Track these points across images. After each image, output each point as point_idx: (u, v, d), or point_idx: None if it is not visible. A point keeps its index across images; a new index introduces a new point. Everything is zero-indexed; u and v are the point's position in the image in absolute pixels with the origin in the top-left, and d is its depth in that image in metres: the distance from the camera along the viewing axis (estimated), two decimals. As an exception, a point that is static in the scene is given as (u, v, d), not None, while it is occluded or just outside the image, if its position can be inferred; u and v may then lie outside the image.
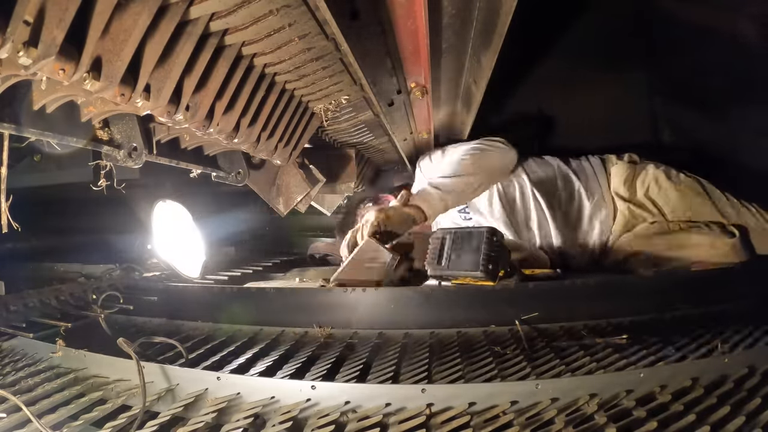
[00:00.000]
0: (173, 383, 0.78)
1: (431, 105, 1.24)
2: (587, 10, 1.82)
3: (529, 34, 1.50)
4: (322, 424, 0.64)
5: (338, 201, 1.78)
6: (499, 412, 0.64)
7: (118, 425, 0.67)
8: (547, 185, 1.51)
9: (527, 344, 0.85)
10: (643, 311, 0.99)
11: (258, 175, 1.28)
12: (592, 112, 1.91)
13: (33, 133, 0.65)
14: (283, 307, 1.08)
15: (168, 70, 0.62)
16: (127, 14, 0.53)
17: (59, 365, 0.89)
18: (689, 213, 1.40)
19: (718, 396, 0.64)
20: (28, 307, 1.14)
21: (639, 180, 1.47)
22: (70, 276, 1.58)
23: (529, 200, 1.50)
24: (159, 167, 0.94)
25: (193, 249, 1.54)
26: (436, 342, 0.92)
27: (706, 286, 1.09)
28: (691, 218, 1.40)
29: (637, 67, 1.88)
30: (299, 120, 1.01)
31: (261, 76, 0.79)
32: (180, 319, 1.16)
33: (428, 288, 1.04)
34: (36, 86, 0.61)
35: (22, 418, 0.67)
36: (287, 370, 0.79)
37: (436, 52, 0.94)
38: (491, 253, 0.99)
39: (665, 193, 1.43)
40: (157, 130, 0.87)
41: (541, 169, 1.55)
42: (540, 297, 0.99)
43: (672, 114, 1.87)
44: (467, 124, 1.54)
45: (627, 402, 0.64)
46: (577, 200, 1.50)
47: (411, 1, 0.71)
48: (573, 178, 1.51)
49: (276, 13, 0.63)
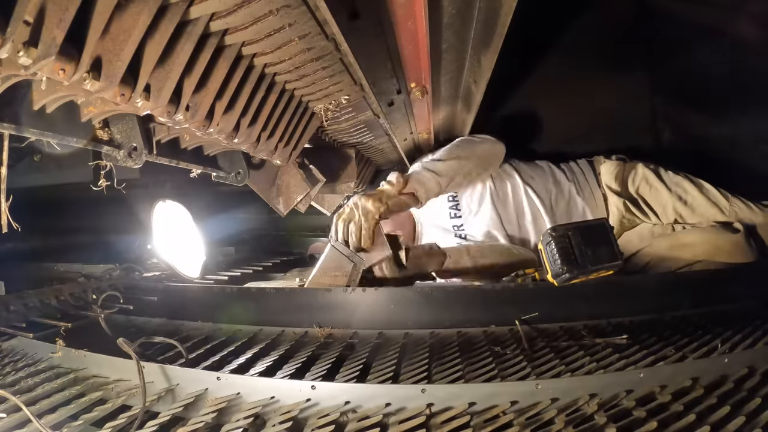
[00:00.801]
0: (173, 383, 0.78)
1: (431, 105, 1.24)
2: (587, 10, 1.82)
3: (529, 34, 1.50)
4: (322, 424, 0.64)
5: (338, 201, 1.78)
6: (499, 412, 0.64)
7: (118, 425, 0.67)
8: (539, 184, 1.52)
9: (527, 344, 0.85)
10: (643, 311, 0.99)
11: (258, 175, 1.28)
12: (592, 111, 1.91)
13: (33, 133, 0.65)
14: (283, 307, 1.08)
15: (168, 70, 0.62)
16: (127, 14, 0.53)
17: (59, 365, 0.89)
18: (684, 213, 1.39)
19: (718, 396, 0.64)
20: (28, 307, 1.14)
21: (629, 178, 1.49)
22: (70, 276, 1.58)
23: (521, 198, 1.51)
24: (159, 167, 0.94)
25: (193, 249, 1.54)
26: (436, 342, 0.92)
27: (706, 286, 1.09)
28: (686, 218, 1.40)
29: (637, 67, 1.88)
30: (299, 120, 1.01)
31: (261, 76, 0.79)
32: (180, 319, 1.16)
33: (428, 288, 1.04)
34: (36, 86, 0.61)
35: (22, 418, 0.67)
36: (287, 370, 0.79)
37: (436, 52, 0.94)
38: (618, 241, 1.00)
39: (656, 193, 1.43)
40: (157, 130, 0.87)
41: (532, 170, 1.57)
42: (540, 297, 0.99)
43: (672, 114, 1.87)
44: (467, 124, 1.54)
45: (627, 402, 0.64)
46: (570, 197, 1.51)
47: (411, 1, 0.71)
48: (563, 178, 1.54)
49: (276, 13, 0.63)
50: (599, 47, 1.83)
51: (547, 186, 1.52)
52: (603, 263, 0.98)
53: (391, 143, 1.49)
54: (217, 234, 1.91)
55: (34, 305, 1.16)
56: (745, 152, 1.60)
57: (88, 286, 1.31)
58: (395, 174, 1.28)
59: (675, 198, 1.41)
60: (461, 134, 1.68)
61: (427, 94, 1.11)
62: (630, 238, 1.47)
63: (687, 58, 1.69)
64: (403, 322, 0.99)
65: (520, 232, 1.51)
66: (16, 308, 1.12)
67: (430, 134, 1.53)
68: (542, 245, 1.01)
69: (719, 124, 1.67)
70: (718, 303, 1.02)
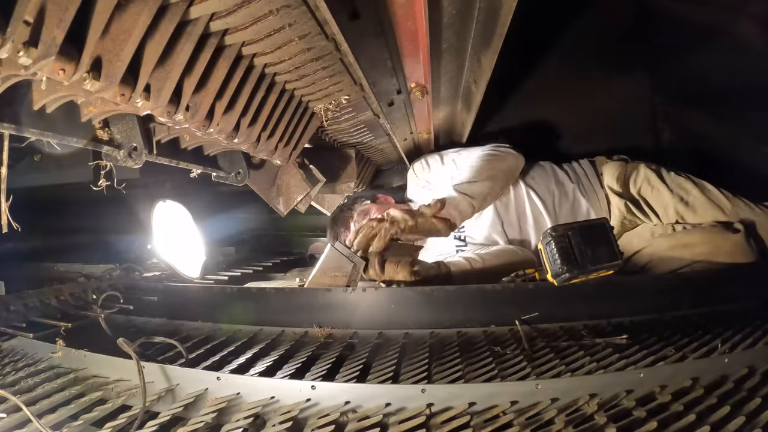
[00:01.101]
0: (173, 383, 0.78)
1: (431, 105, 1.24)
2: (587, 10, 1.82)
3: (529, 34, 1.50)
4: (322, 424, 0.64)
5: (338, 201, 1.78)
6: (499, 412, 0.64)
7: (118, 425, 0.67)
8: (542, 186, 1.52)
9: (527, 344, 0.85)
10: (643, 311, 0.99)
11: (258, 175, 1.28)
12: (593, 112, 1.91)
13: (33, 133, 0.65)
14: (283, 307, 1.08)
15: (168, 70, 0.62)
16: (127, 14, 0.53)
17: (59, 365, 0.89)
18: (685, 214, 1.39)
19: (718, 396, 0.64)
20: (28, 307, 1.14)
21: (631, 179, 1.48)
22: (70, 276, 1.58)
23: (524, 201, 1.50)
24: (159, 167, 0.94)
25: (193, 249, 1.54)
26: (436, 342, 0.92)
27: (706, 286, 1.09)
28: (687, 219, 1.40)
29: (637, 67, 1.88)
30: (299, 120, 1.01)
31: (261, 76, 0.79)
32: (180, 319, 1.16)
33: (428, 288, 1.04)
34: (36, 86, 0.61)
35: (22, 418, 0.67)
36: (287, 370, 0.79)
37: (436, 52, 0.94)
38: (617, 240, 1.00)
39: (658, 194, 1.43)
40: (157, 130, 0.87)
41: (534, 171, 1.57)
42: (540, 297, 0.99)
43: (672, 114, 1.87)
44: (467, 124, 1.54)
45: (627, 402, 0.64)
46: (574, 199, 1.50)
47: (411, 1, 0.71)
48: (566, 180, 1.53)
49: (276, 13, 0.63)
50: (599, 47, 1.83)
51: (549, 188, 1.52)
52: (603, 263, 0.97)
53: (391, 143, 1.49)
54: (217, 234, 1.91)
55: (34, 305, 1.16)
56: (746, 152, 1.59)
57: (88, 286, 1.31)
58: (434, 199, 1.26)
59: (677, 199, 1.40)
60: (461, 134, 1.68)
61: (427, 94, 1.11)
62: (630, 239, 1.46)
63: (687, 58, 1.69)
64: (403, 322, 0.99)
65: (521, 236, 1.51)
66: (16, 308, 1.12)
67: (430, 134, 1.53)
68: (542, 245, 1.01)
69: (719, 124, 1.67)
70: (718, 303, 1.02)
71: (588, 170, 1.56)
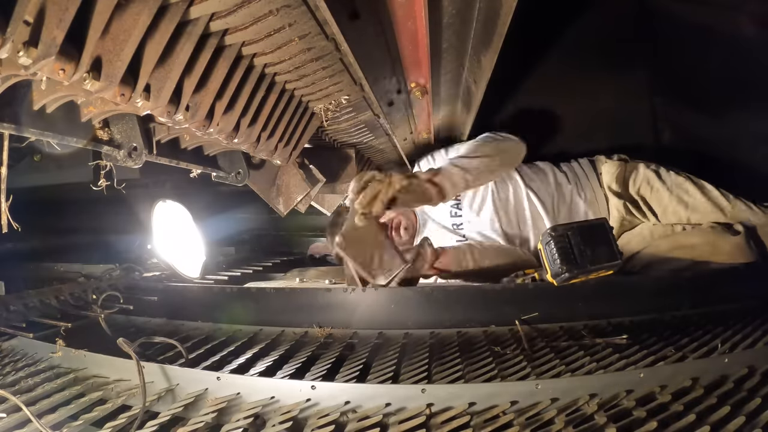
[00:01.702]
0: (173, 383, 0.78)
1: (431, 105, 1.24)
2: (587, 10, 1.82)
3: (529, 34, 1.50)
4: (322, 424, 0.64)
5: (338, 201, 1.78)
6: (499, 412, 0.64)
7: (118, 425, 0.67)
8: (541, 188, 1.52)
9: (527, 344, 0.85)
10: (643, 311, 0.99)
11: (258, 175, 1.28)
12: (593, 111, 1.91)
13: (33, 133, 0.65)
14: (283, 307, 1.08)
15: (168, 70, 0.62)
16: (127, 14, 0.53)
17: (59, 365, 0.89)
18: (684, 214, 1.39)
19: (718, 396, 0.64)
20: (28, 307, 1.14)
21: (630, 179, 1.48)
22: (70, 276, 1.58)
23: (523, 201, 1.50)
24: (159, 167, 0.94)
25: (193, 249, 1.54)
26: (436, 342, 0.92)
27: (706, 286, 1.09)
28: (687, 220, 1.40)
29: (637, 67, 1.88)
30: (299, 120, 1.01)
31: (261, 76, 0.79)
32: (180, 319, 1.16)
33: (428, 288, 1.04)
34: (36, 86, 0.61)
35: (22, 418, 0.67)
36: (287, 370, 0.79)
37: (436, 52, 0.94)
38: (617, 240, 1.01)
39: (657, 195, 1.43)
40: (157, 130, 0.87)
41: (534, 172, 1.56)
42: (540, 297, 0.99)
43: (672, 114, 1.87)
44: (467, 124, 1.54)
45: (627, 402, 0.64)
46: (572, 201, 1.50)
47: (411, 1, 0.71)
48: (564, 181, 1.53)
49: (276, 13, 0.63)
50: (599, 47, 1.83)
51: (548, 189, 1.52)
52: (602, 263, 0.98)
53: (391, 143, 1.49)
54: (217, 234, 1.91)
55: (34, 305, 1.16)
56: (746, 153, 1.59)
57: (88, 286, 1.31)
58: (428, 166, 1.27)
59: (676, 199, 1.40)
60: (461, 134, 1.68)
61: (427, 94, 1.11)
62: (630, 239, 1.46)
63: (687, 58, 1.69)
64: (403, 322, 0.99)
65: (520, 235, 1.51)
66: (16, 308, 1.12)
67: (430, 134, 1.53)
68: (542, 245, 1.01)
69: (720, 124, 1.67)
70: (718, 303, 1.02)
71: (587, 170, 1.56)
